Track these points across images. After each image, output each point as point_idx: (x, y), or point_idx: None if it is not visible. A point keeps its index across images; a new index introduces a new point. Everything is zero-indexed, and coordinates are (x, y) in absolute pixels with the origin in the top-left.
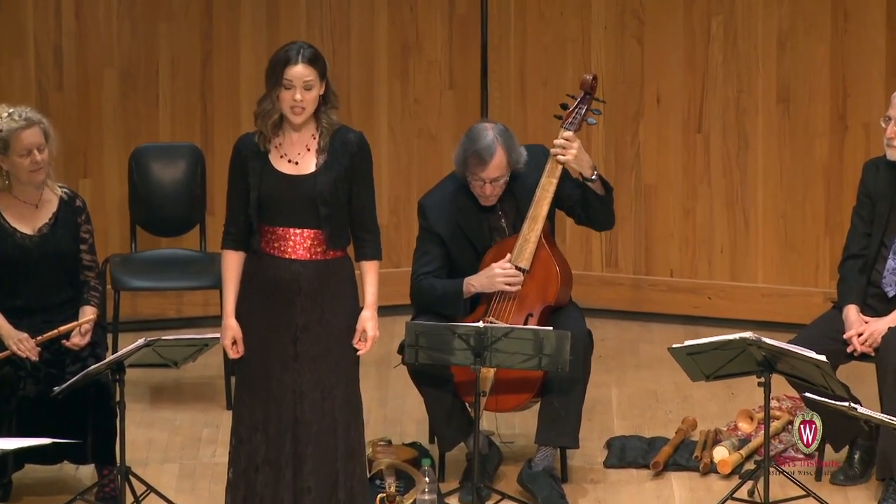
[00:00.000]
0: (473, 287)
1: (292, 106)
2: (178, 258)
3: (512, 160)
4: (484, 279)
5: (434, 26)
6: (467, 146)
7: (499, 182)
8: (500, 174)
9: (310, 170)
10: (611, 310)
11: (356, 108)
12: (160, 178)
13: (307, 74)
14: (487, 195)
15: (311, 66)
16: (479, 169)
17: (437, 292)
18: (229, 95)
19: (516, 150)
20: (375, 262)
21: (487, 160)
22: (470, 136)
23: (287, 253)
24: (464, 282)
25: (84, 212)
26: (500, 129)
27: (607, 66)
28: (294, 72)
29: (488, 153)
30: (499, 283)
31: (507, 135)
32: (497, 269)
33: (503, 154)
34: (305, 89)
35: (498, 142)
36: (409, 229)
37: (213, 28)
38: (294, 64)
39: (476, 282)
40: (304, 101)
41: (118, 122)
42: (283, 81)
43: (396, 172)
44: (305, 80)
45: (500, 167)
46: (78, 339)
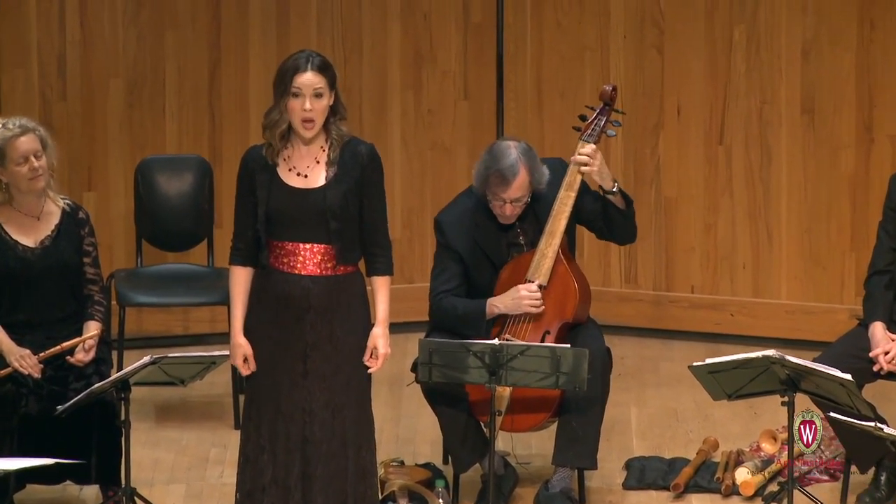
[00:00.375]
0: (497, 308)
1: (303, 118)
2: (184, 273)
3: (534, 180)
4: (509, 301)
5: (448, 35)
6: (489, 164)
7: (519, 203)
8: (521, 195)
9: (319, 183)
10: (630, 327)
11: (368, 118)
12: (167, 191)
13: (317, 82)
14: (507, 215)
15: (320, 74)
16: (501, 189)
17: (459, 312)
18: (238, 106)
19: (539, 171)
20: (387, 277)
21: (510, 180)
22: (492, 153)
23: (296, 268)
24: (487, 303)
25: (87, 224)
26: (524, 148)
27: (626, 76)
28: (303, 79)
29: (511, 173)
30: (525, 307)
31: (531, 154)
32: (523, 291)
33: (526, 174)
34: (315, 97)
35: (521, 161)
36: (422, 244)
37: (222, 37)
38: (303, 71)
39: (500, 303)
40: (313, 110)
41: (123, 134)
42: (292, 89)
43: (409, 185)
44: (315, 88)
45: (523, 188)
46: (82, 355)
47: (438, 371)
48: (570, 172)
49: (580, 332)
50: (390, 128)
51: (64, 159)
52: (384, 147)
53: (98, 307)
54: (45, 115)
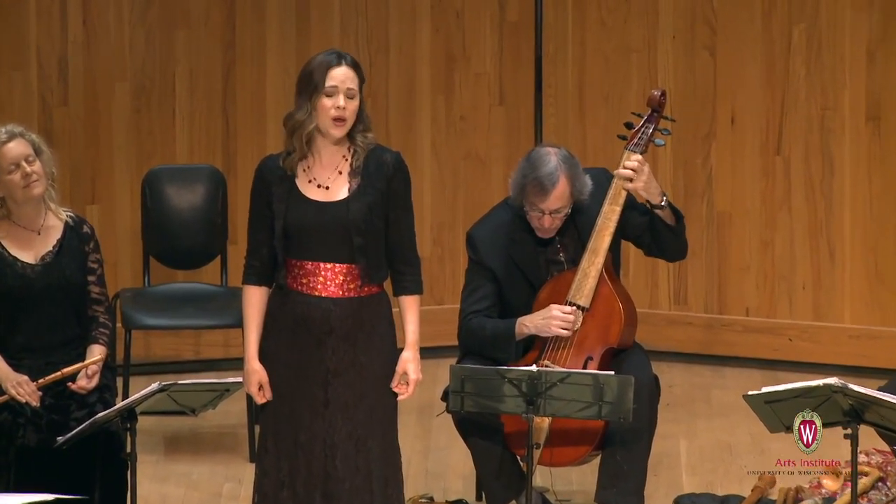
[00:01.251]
0: (527, 328)
1: (334, 116)
2: (195, 293)
3: (575, 190)
4: (539, 321)
5: (483, 35)
6: (527, 172)
7: (559, 214)
8: (561, 205)
9: (341, 195)
10: (680, 352)
11: (395, 125)
12: (176, 204)
13: (352, 79)
14: (546, 228)
15: (354, 71)
16: (539, 199)
17: (487, 332)
18: (254, 112)
19: (581, 180)
20: (416, 297)
21: (549, 189)
22: (530, 161)
23: (317, 289)
24: (517, 322)
25: (92, 239)
26: (565, 156)
27: (676, 79)
28: (339, 74)
29: (550, 182)
30: (554, 328)
31: (572, 162)
32: (555, 310)
33: (566, 184)
34: (349, 97)
35: (561, 170)
36: (453, 261)
37: (237, 37)
38: (337, 65)
39: (530, 322)
40: (346, 109)
41: (130, 142)
42: (326, 87)
43: (440, 198)
44: (349, 88)
45: (563, 198)
46: (84, 381)
47: (471, 400)
48: (615, 185)
49: (625, 359)
50: (419, 135)
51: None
52: (413, 156)
53: (103, 330)
54: (45, 121)
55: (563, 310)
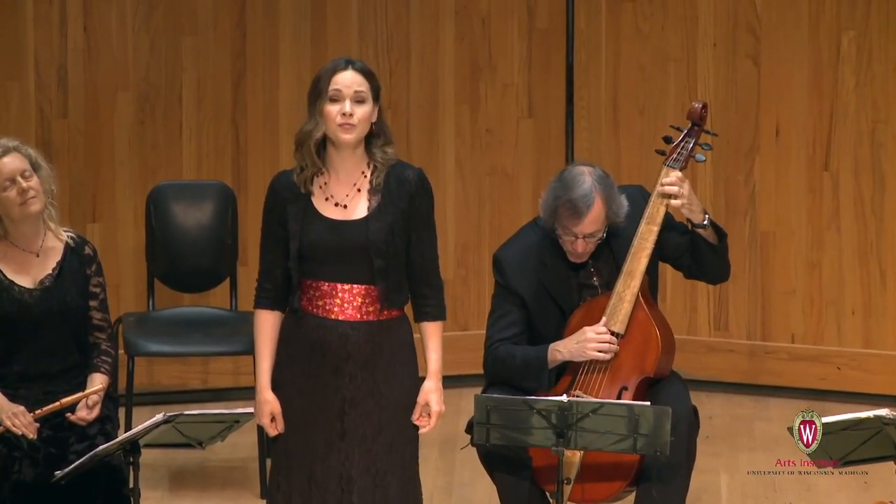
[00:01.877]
0: (560, 354)
1: (340, 122)
2: (203, 318)
3: (611, 213)
4: (573, 345)
5: (510, 43)
6: (559, 193)
7: (593, 238)
8: (596, 229)
9: (360, 214)
10: (720, 382)
11: (417, 139)
12: (183, 223)
13: (358, 83)
14: (579, 253)
15: (362, 76)
16: (572, 222)
17: (517, 361)
18: (266, 124)
19: (617, 201)
20: (439, 323)
21: (583, 213)
22: (563, 181)
23: (333, 312)
24: (549, 348)
25: (94, 261)
26: (600, 176)
27: (717, 90)
28: (342, 78)
29: (584, 204)
30: (591, 351)
31: (607, 182)
32: (590, 332)
33: (602, 206)
34: (356, 102)
35: (596, 191)
36: (478, 284)
37: (248, 44)
38: (343, 70)
39: (564, 348)
40: (353, 114)
41: (134, 156)
42: (329, 92)
43: (464, 217)
44: (356, 91)
45: (597, 221)
46: (84, 412)
47: (497, 432)
48: (653, 204)
49: (662, 388)
50: (442, 150)
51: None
52: (435, 171)
53: (105, 357)
54: (43, 133)
55: (598, 330)
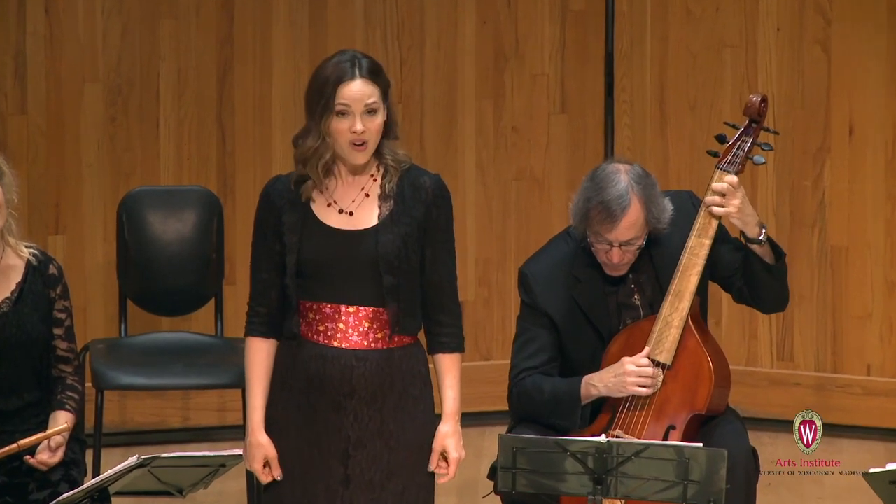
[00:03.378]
0: (596, 389)
1: (352, 140)
2: (184, 345)
3: (651, 217)
4: (610, 379)
5: (540, 27)
6: (591, 194)
7: (631, 247)
8: (633, 235)
9: (369, 223)
10: (784, 420)
11: (432, 139)
12: (161, 235)
13: (369, 94)
14: (614, 263)
15: (372, 83)
16: (606, 227)
17: (546, 395)
18: (257, 121)
19: (658, 204)
20: (457, 355)
21: (617, 216)
22: (595, 180)
23: (336, 339)
24: (583, 381)
25: (59, 283)
26: (638, 174)
27: (780, 82)
28: (351, 92)
29: (619, 206)
30: (631, 385)
31: (647, 182)
32: (629, 364)
33: (640, 208)
34: (368, 114)
35: (633, 191)
36: (502, 306)
37: (236, 29)
38: (350, 80)
39: (600, 382)
40: (367, 130)
41: (103, 158)
42: (337, 106)
43: (486, 228)
44: (368, 103)
45: (635, 226)
46: (46, 455)
47: (525, 478)
48: (704, 213)
49: (716, 427)
50: (461, 150)
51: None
52: (453, 177)
53: (70, 393)
54: None
55: (638, 362)
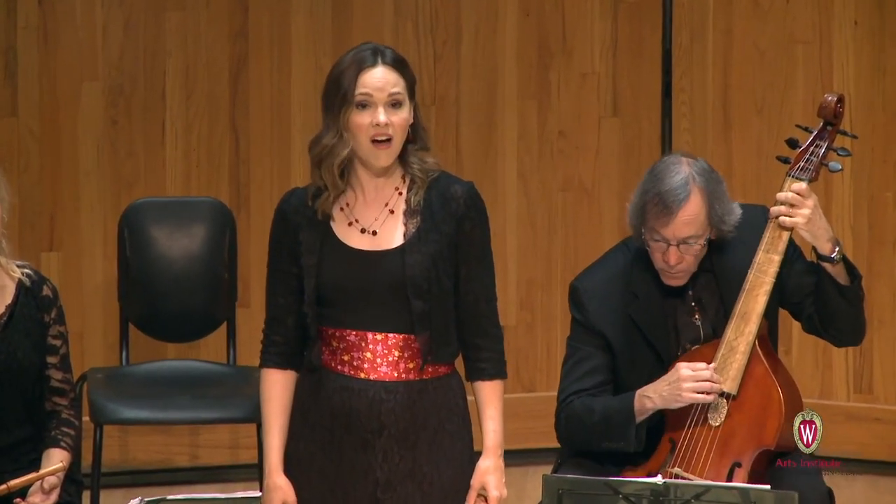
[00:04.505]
0: (650, 401)
1: (374, 135)
2: (193, 375)
3: (714, 214)
4: (664, 388)
5: (590, 20)
6: (648, 186)
7: (691, 247)
8: (692, 232)
9: (395, 242)
10: (863, 459)
11: (469, 145)
12: (166, 253)
13: (393, 83)
14: (672, 267)
15: (396, 72)
16: (662, 221)
17: (596, 416)
18: (274, 125)
19: (723, 202)
20: (498, 382)
21: (674, 209)
22: (654, 172)
23: (363, 370)
24: (636, 395)
25: (54, 306)
26: (702, 168)
27: (858, 82)
28: (373, 78)
29: (676, 198)
30: (686, 392)
31: (711, 177)
32: (683, 369)
33: (701, 202)
34: (392, 106)
35: (694, 182)
36: (548, 332)
37: (251, 20)
38: (370, 66)
39: (654, 393)
40: (390, 124)
41: (104, 166)
42: (357, 96)
43: (529, 245)
44: (392, 93)
45: (695, 222)
46: (39, 498)
47: None
48: (772, 225)
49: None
50: (502, 158)
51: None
52: (492, 187)
53: (66, 429)
54: None
55: (695, 366)
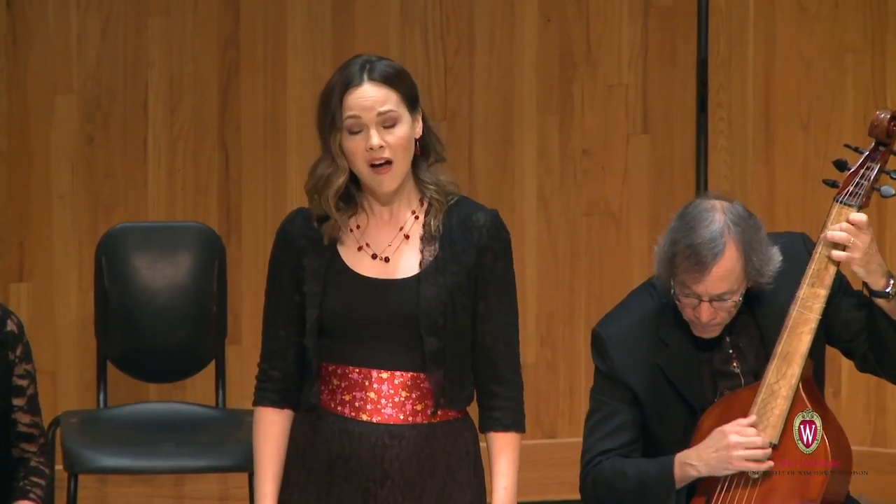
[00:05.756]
0: (694, 469)
1: (371, 160)
2: (178, 419)
3: (751, 268)
4: (710, 454)
5: (617, 27)
6: (677, 236)
7: (724, 303)
8: (726, 289)
9: (409, 271)
10: None
11: (483, 165)
12: (148, 284)
13: (381, 99)
14: (704, 323)
15: (385, 86)
16: (693, 278)
17: (630, 482)
18: (268, 142)
19: (761, 252)
20: (513, 435)
21: (707, 263)
22: (684, 219)
23: (365, 411)
24: (676, 461)
25: (20, 342)
26: (738, 214)
27: None
28: (357, 98)
29: (710, 252)
30: (737, 460)
31: (748, 224)
32: (732, 435)
33: (736, 256)
34: (385, 127)
35: (730, 234)
36: (570, 372)
37: (242, 27)
38: (356, 86)
39: (698, 459)
40: (386, 145)
41: (78, 188)
42: (345, 120)
43: (551, 275)
44: (381, 111)
45: (728, 278)
46: None
47: None
48: (819, 258)
49: None
50: (519, 179)
51: None
52: (509, 211)
53: (36, 479)
54: None
55: (744, 432)
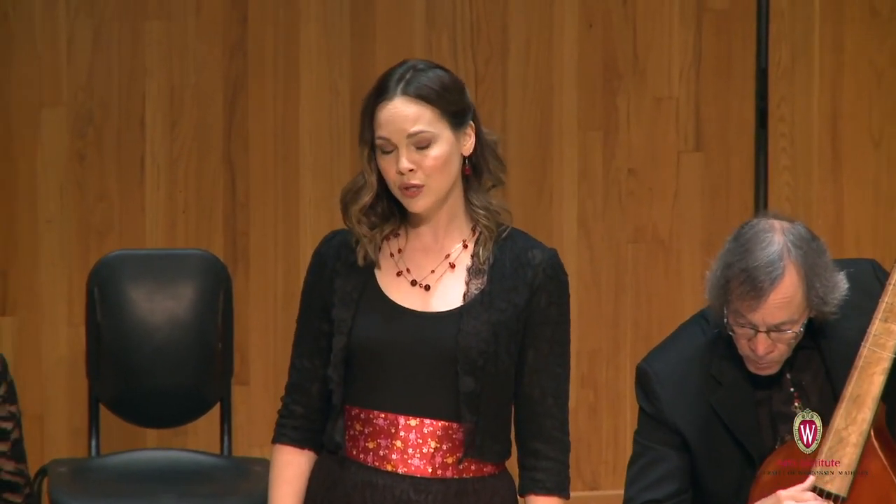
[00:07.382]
0: None
1: (401, 184)
2: (178, 468)
3: (813, 295)
4: None
5: (667, 33)
6: (731, 259)
7: (782, 334)
8: (786, 318)
9: (452, 303)
10: None
11: (517, 186)
12: (146, 318)
13: (413, 118)
14: (760, 357)
15: (419, 102)
16: (748, 304)
17: None
18: (279, 161)
19: (825, 278)
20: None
21: (765, 289)
22: (739, 240)
23: (390, 461)
24: None
25: (3, 380)
26: (800, 235)
27: None
28: (386, 116)
29: (767, 277)
30: None
31: (811, 247)
32: (787, 501)
33: (796, 281)
34: (418, 148)
35: (789, 257)
36: (614, 416)
37: (250, 34)
38: (388, 99)
39: None
40: (417, 169)
41: (68, 210)
42: (377, 139)
43: (592, 308)
44: (413, 132)
45: (788, 306)
46: None
47: None
48: (893, 290)
49: None
50: (558, 202)
51: None
52: (547, 236)
53: None
54: None
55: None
